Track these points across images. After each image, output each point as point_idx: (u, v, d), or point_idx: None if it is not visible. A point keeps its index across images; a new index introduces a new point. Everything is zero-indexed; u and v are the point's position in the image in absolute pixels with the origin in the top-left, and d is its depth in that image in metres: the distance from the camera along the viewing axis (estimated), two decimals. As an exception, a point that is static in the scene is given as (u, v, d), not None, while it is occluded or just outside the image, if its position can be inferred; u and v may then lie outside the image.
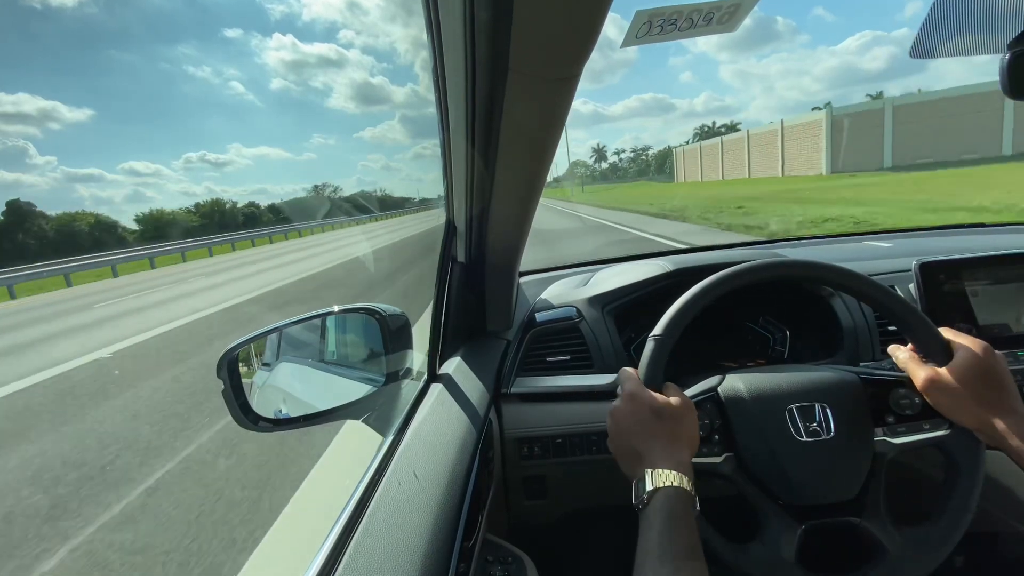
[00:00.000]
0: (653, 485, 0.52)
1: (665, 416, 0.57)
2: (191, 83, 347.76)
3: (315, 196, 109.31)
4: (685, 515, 0.50)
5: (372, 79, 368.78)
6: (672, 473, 0.52)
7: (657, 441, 0.56)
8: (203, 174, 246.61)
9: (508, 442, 0.88)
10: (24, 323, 8.57)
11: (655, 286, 1.02)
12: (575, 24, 0.40)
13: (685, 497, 0.51)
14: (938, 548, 0.57)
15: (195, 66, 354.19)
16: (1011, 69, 0.57)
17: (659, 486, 0.51)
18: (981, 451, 0.59)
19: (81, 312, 8.90)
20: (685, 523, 0.49)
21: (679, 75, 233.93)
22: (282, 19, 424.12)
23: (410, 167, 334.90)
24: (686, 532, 0.49)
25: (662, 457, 0.54)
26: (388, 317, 0.82)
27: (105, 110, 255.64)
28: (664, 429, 0.56)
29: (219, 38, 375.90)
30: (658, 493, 0.51)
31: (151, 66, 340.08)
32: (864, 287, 0.64)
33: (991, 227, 1.56)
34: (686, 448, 0.56)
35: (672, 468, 0.53)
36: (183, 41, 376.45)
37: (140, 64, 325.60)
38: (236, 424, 0.66)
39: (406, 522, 0.50)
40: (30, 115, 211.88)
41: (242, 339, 0.71)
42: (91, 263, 16.56)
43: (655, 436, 0.56)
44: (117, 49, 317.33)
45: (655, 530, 0.48)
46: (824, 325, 0.97)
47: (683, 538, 0.48)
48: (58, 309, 9.79)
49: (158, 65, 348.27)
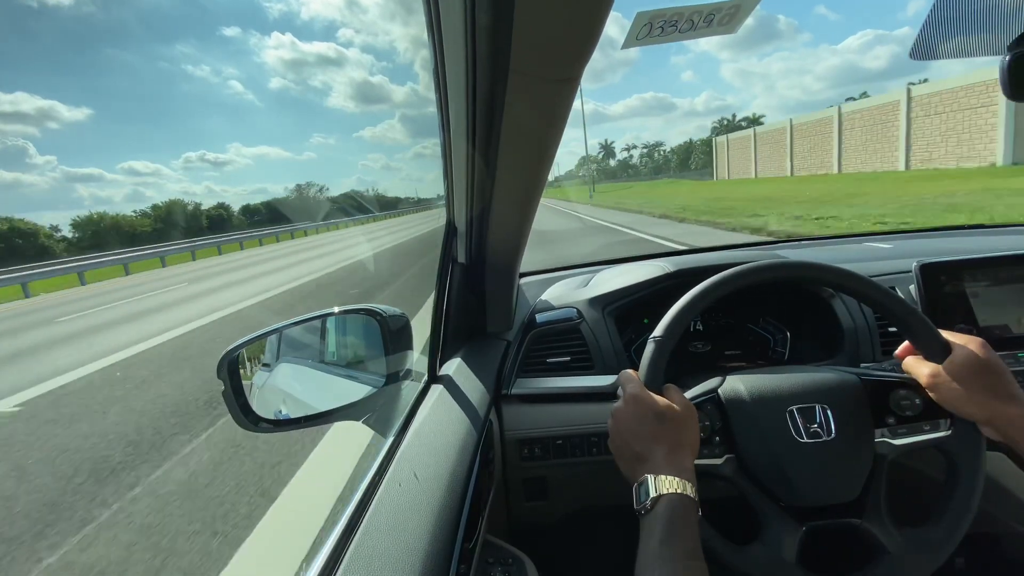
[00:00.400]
0: (656, 491, 0.51)
1: (667, 420, 0.57)
2: (191, 82, 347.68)
3: (309, 198, 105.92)
4: (688, 521, 0.50)
5: (372, 78, 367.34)
6: (675, 480, 0.52)
7: (660, 446, 0.55)
8: (203, 174, 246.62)
9: (508, 443, 0.88)
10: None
11: (656, 287, 1.02)
12: (576, 26, 0.40)
13: (688, 504, 0.51)
14: (939, 549, 0.57)
15: (195, 65, 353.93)
16: (1011, 71, 0.57)
17: (663, 492, 0.51)
18: (982, 452, 0.59)
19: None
20: (688, 529, 0.49)
21: (680, 74, 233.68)
22: (281, 18, 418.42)
23: (410, 167, 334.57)
24: (689, 536, 0.49)
25: (665, 462, 0.54)
26: (388, 318, 0.82)
27: (105, 110, 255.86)
28: (667, 433, 0.56)
29: (218, 37, 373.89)
30: (661, 500, 0.51)
31: (151, 65, 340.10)
32: (864, 288, 0.64)
33: (991, 228, 1.56)
34: (689, 453, 0.56)
35: (675, 474, 0.52)
36: (182, 40, 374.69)
37: (139, 63, 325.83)
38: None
39: (406, 523, 0.50)
40: (28, 114, 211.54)
41: (242, 340, 0.71)
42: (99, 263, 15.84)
43: (657, 440, 0.56)
44: (116, 48, 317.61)
45: (657, 538, 0.48)
46: (824, 326, 0.97)
47: (686, 543, 0.48)
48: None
49: (158, 64, 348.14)
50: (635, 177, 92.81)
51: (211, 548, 1.93)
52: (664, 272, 1.01)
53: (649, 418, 0.57)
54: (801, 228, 8.99)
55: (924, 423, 0.62)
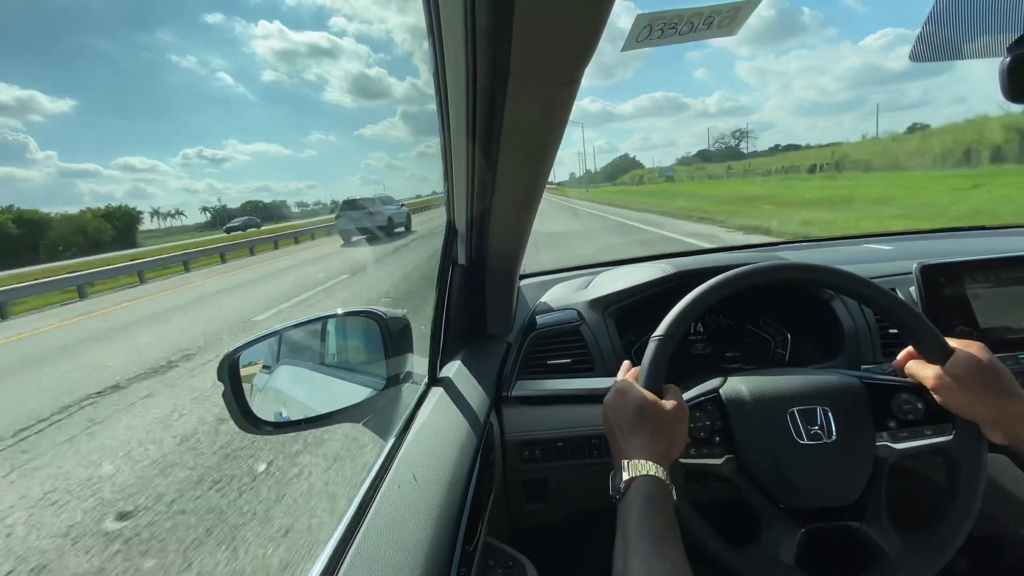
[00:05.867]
0: (629, 475, 0.53)
1: (648, 414, 0.58)
2: (184, 76, 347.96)
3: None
4: (662, 502, 0.51)
5: (379, 75, 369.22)
6: (648, 463, 0.53)
7: (636, 436, 0.57)
8: (203, 170, 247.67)
9: (509, 445, 0.88)
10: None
11: (656, 289, 1.02)
12: (576, 29, 0.40)
13: (661, 486, 0.52)
14: (938, 554, 0.57)
15: (180, 55, 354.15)
16: (1011, 72, 0.57)
17: (634, 475, 0.52)
18: (983, 457, 0.59)
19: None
20: (662, 509, 0.50)
21: (693, 72, 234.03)
22: (270, 6, 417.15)
23: (415, 166, 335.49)
24: (664, 516, 0.50)
25: (639, 449, 0.55)
26: (389, 320, 0.82)
27: (91, 101, 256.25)
28: (645, 426, 0.57)
29: (212, 30, 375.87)
30: (635, 482, 0.52)
31: (132, 55, 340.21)
32: (865, 290, 0.64)
33: (992, 229, 1.56)
34: (666, 444, 0.57)
35: (647, 459, 0.54)
36: (163, 28, 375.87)
37: (118, 52, 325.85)
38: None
39: (407, 526, 0.50)
40: (9, 105, 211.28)
41: (243, 342, 0.71)
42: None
43: (635, 431, 0.57)
44: (93, 36, 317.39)
45: (632, 516, 0.49)
46: (825, 328, 0.97)
47: (661, 521, 0.49)
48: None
49: (140, 54, 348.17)
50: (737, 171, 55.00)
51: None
52: (664, 274, 1.01)
53: (629, 410, 0.59)
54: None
55: (926, 427, 0.62)
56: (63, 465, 2.84)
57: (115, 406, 3.68)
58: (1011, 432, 0.55)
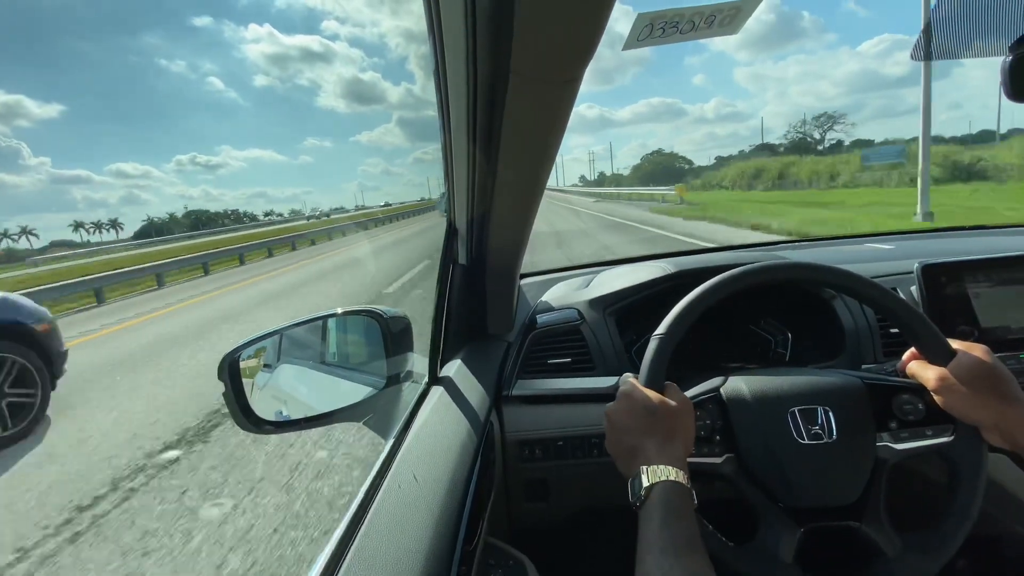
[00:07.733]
0: (649, 481, 0.52)
1: (659, 414, 0.58)
2: (173, 80, 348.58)
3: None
4: (684, 508, 0.50)
5: (373, 79, 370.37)
6: (668, 468, 0.52)
7: (651, 438, 0.56)
8: (197, 177, 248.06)
9: (509, 445, 0.88)
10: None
11: (657, 288, 1.02)
12: (577, 27, 0.40)
13: (683, 491, 0.51)
14: (938, 555, 0.57)
15: (168, 59, 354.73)
16: (1013, 71, 0.57)
17: (655, 481, 0.52)
18: (984, 459, 0.59)
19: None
20: (684, 516, 0.50)
21: (692, 77, 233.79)
22: (260, 10, 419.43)
23: (412, 171, 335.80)
24: (686, 524, 0.49)
25: (657, 453, 0.54)
26: (389, 319, 0.82)
27: (79, 107, 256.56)
28: (658, 426, 0.57)
29: (201, 33, 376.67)
30: (655, 488, 0.51)
31: (118, 59, 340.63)
32: (866, 289, 0.64)
33: (993, 229, 1.56)
34: (681, 445, 0.57)
35: (667, 463, 0.53)
36: (164, 34, 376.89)
37: (103, 56, 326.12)
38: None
39: (407, 526, 0.50)
40: None
41: (244, 341, 0.71)
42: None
43: (649, 433, 0.56)
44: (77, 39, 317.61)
45: (655, 524, 0.49)
46: (826, 327, 0.97)
47: (683, 530, 0.48)
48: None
49: (127, 58, 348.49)
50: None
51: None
52: (665, 273, 1.01)
53: (640, 412, 0.58)
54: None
55: (927, 428, 0.61)
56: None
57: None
58: (1010, 437, 0.55)
